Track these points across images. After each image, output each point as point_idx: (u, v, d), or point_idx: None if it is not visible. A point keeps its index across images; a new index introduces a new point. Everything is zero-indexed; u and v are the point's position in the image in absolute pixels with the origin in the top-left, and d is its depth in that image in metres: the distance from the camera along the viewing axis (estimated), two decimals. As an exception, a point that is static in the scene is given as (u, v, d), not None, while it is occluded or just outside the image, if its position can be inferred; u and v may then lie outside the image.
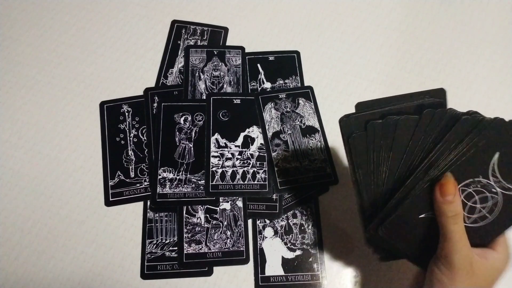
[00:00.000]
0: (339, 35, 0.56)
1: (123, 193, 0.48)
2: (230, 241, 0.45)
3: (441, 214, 0.31)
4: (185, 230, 0.45)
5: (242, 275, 0.45)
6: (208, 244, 0.45)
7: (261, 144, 0.48)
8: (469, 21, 0.57)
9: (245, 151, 0.48)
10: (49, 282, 0.45)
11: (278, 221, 0.46)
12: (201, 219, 0.46)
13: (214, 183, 0.46)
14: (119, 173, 0.48)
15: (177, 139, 0.48)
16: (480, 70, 0.55)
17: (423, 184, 0.31)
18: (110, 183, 0.48)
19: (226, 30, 0.56)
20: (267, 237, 0.46)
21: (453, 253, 0.31)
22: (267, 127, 0.49)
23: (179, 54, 0.55)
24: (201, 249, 0.44)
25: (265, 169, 0.47)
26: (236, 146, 0.48)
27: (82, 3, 0.58)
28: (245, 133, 0.49)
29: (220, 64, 0.53)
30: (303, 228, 0.46)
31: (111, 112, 0.51)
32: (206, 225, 0.45)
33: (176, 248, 0.45)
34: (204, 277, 0.45)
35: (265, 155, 0.48)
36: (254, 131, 0.49)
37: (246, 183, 0.46)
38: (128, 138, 0.50)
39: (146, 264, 0.45)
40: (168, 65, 0.54)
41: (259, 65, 0.54)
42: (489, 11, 0.58)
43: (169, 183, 0.46)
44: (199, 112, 0.50)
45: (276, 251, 0.45)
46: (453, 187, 0.31)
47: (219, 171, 0.47)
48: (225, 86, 0.52)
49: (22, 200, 0.48)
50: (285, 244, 0.46)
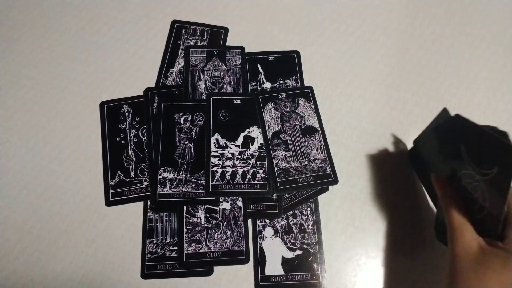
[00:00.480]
0: (339, 35, 0.57)
1: (124, 193, 0.48)
2: (230, 241, 0.45)
3: (442, 205, 0.37)
4: (185, 230, 0.45)
5: (242, 275, 0.45)
6: (208, 244, 0.45)
7: (261, 144, 0.48)
8: (469, 21, 0.57)
9: (245, 151, 0.48)
10: (49, 282, 0.45)
11: (278, 221, 0.46)
12: (201, 219, 0.46)
13: (214, 183, 0.46)
14: (119, 173, 0.48)
15: (177, 139, 0.48)
16: (480, 70, 0.55)
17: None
18: (110, 183, 0.48)
19: (226, 30, 0.56)
20: (267, 237, 0.46)
21: (454, 241, 0.35)
22: (267, 127, 0.49)
23: (179, 54, 0.55)
24: (201, 249, 0.44)
25: (265, 169, 0.47)
26: (236, 146, 0.48)
27: (82, 3, 0.58)
28: (245, 133, 0.49)
29: (220, 64, 0.53)
30: (303, 228, 0.46)
31: (111, 112, 0.51)
32: (206, 225, 0.45)
33: (176, 247, 0.45)
34: (204, 277, 0.45)
35: (265, 155, 0.48)
36: (254, 131, 0.49)
37: (246, 183, 0.46)
38: (128, 138, 0.50)
39: (146, 263, 0.45)
40: (168, 65, 0.54)
41: (259, 65, 0.54)
42: (489, 11, 0.58)
43: (169, 183, 0.46)
44: (199, 112, 0.50)
45: (276, 251, 0.45)
46: (438, 185, 0.38)
47: (219, 171, 0.47)
48: (225, 86, 0.52)
49: (22, 200, 0.48)
50: (285, 243, 0.46)
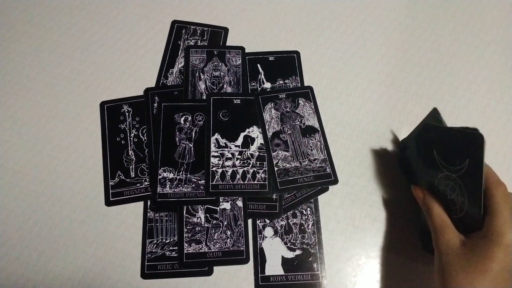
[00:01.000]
0: (339, 35, 0.57)
1: (124, 193, 0.48)
2: (230, 240, 0.45)
3: (424, 210, 0.40)
4: (185, 229, 0.45)
5: (242, 275, 0.45)
6: (208, 243, 0.45)
7: (261, 144, 0.48)
8: (469, 21, 0.57)
9: (245, 151, 0.48)
10: (49, 282, 0.45)
11: (278, 221, 0.46)
12: (201, 219, 0.46)
13: (214, 183, 0.46)
14: (120, 173, 0.48)
15: (177, 139, 0.48)
16: (480, 70, 0.55)
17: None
18: (110, 183, 0.48)
19: (226, 30, 0.56)
20: (267, 237, 0.46)
21: (437, 240, 0.37)
22: (267, 127, 0.49)
23: (179, 54, 0.55)
24: (201, 249, 0.44)
25: (265, 169, 0.47)
26: (236, 146, 0.48)
27: (82, 3, 0.58)
28: (245, 133, 0.49)
29: (220, 64, 0.53)
30: (303, 227, 0.46)
31: (111, 112, 0.51)
32: (206, 225, 0.45)
33: (176, 247, 0.45)
34: (204, 277, 0.45)
35: (265, 155, 0.48)
36: (254, 131, 0.49)
37: (246, 183, 0.46)
38: (128, 138, 0.50)
39: (146, 263, 0.45)
40: (168, 65, 0.54)
41: (259, 65, 0.54)
42: (489, 11, 0.58)
43: (169, 183, 0.46)
44: (199, 112, 0.50)
45: (276, 251, 0.45)
46: (418, 192, 0.41)
47: (219, 171, 0.47)
48: (225, 86, 0.52)
49: (22, 200, 0.48)
50: (285, 243, 0.46)
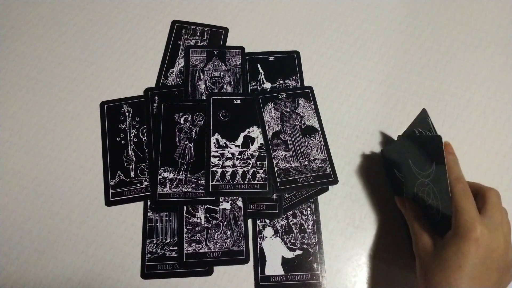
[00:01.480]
0: (339, 35, 0.57)
1: (124, 193, 0.48)
2: (230, 240, 0.45)
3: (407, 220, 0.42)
4: (185, 229, 0.45)
5: (242, 275, 0.45)
6: (208, 243, 0.45)
7: (261, 144, 0.48)
8: (469, 21, 0.57)
9: (245, 151, 0.48)
10: (49, 282, 0.45)
11: (278, 221, 0.46)
12: (201, 219, 0.46)
13: (214, 183, 0.46)
14: (120, 173, 0.48)
15: (177, 139, 0.48)
16: (480, 70, 0.55)
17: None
18: (110, 183, 0.48)
19: (226, 30, 0.56)
20: (267, 237, 0.46)
21: (414, 245, 0.39)
22: (267, 127, 0.49)
23: (179, 54, 0.55)
24: (201, 249, 0.44)
25: (265, 169, 0.47)
26: (236, 146, 0.48)
27: (82, 3, 0.58)
28: (245, 133, 0.49)
29: (220, 64, 0.53)
30: (303, 228, 0.46)
31: (111, 112, 0.51)
32: (206, 225, 0.45)
33: (176, 247, 0.45)
34: (204, 277, 0.45)
35: (265, 155, 0.48)
36: (254, 131, 0.49)
37: (246, 183, 0.46)
38: (128, 138, 0.50)
39: (146, 263, 0.45)
40: (168, 65, 0.54)
41: (259, 65, 0.54)
42: (489, 11, 0.58)
43: (169, 183, 0.46)
44: (199, 112, 0.50)
45: (276, 251, 0.45)
46: (400, 203, 0.43)
47: (219, 171, 0.47)
48: (225, 86, 0.52)
49: (22, 200, 0.48)
50: (285, 243, 0.46)
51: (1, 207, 0.47)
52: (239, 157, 0.47)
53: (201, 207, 0.46)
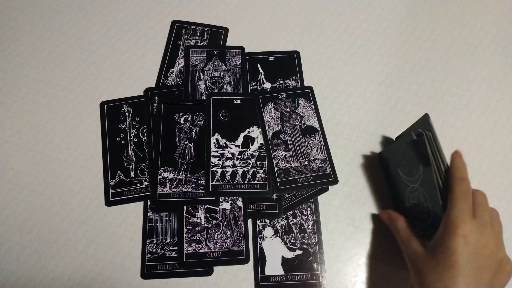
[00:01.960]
0: (339, 35, 0.57)
1: (124, 193, 0.48)
2: (230, 240, 0.45)
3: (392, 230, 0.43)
4: (185, 229, 0.45)
5: (242, 275, 0.45)
6: (208, 243, 0.45)
7: (261, 144, 0.48)
8: (469, 21, 0.57)
9: (245, 151, 0.48)
10: (49, 282, 0.45)
11: (278, 221, 0.46)
12: (201, 219, 0.46)
13: (214, 183, 0.46)
14: (120, 173, 0.48)
15: (177, 139, 0.48)
16: (480, 70, 0.55)
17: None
18: (110, 183, 0.48)
19: (226, 30, 0.56)
20: (267, 237, 0.46)
21: (404, 252, 0.39)
22: (267, 127, 0.49)
23: (179, 54, 0.55)
24: (201, 249, 0.44)
25: (265, 169, 0.47)
26: (236, 146, 0.48)
27: (82, 3, 0.58)
28: (245, 133, 0.49)
29: (220, 64, 0.53)
30: (303, 227, 0.46)
31: (111, 112, 0.51)
32: (206, 225, 0.45)
33: (176, 247, 0.45)
34: (204, 277, 0.45)
35: (265, 155, 0.48)
36: (254, 131, 0.49)
37: (246, 183, 0.46)
38: (128, 138, 0.50)
39: (146, 263, 0.45)
40: (168, 65, 0.54)
41: (259, 65, 0.54)
42: (489, 11, 0.58)
43: (169, 183, 0.46)
44: (199, 112, 0.50)
45: (276, 251, 0.45)
46: (382, 215, 0.45)
47: (219, 171, 0.47)
48: (225, 86, 0.52)
49: (22, 200, 0.48)
50: (285, 243, 0.46)
51: (1, 207, 0.47)
52: (239, 157, 0.47)
53: (201, 207, 0.46)
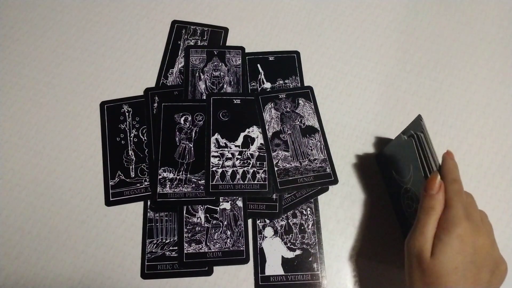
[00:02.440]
0: (339, 35, 0.57)
1: (124, 193, 0.48)
2: (230, 240, 0.45)
3: (419, 205, 0.36)
4: (185, 229, 0.45)
5: (242, 275, 0.45)
6: (208, 243, 0.45)
7: (261, 144, 0.48)
8: (469, 21, 0.57)
9: (245, 151, 0.48)
10: (49, 282, 0.45)
11: (278, 221, 0.46)
12: (201, 219, 0.46)
13: (214, 183, 0.46)
14: (120, 173, 0.48)
15: (177, 139, 0.48)
16: (479, 70, 0.55)
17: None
18: (110, 183, 0.48)
19: (226, 30, 0.56)
20: (267, 237, 0.46)
21: (412, 238, 0.35)
22: (267, 127, 0.49)
23: (179, 54, 0.55)
24: (201, 249, 0.44)
25: (265, 169, 0.47)
26: (236, 146, 0.48)
27: (82, 3, 0.58)
28: (245, 133, 0.49)
29: (220, 64, 0.53)
30: (303, 228, 0.46)
31: (111, 112, 0.51)
32: (206, 225, 0.45)
33: (176, 247, 0.45)
34: (204, 277, 0.45)
35: (265, 155, 0.48)
36: (254, 131, 0.49)
37: (246, 183, 0.46)
38: (128, 138, 0.50)
39: (146, 263, 0.45)
40: (168, 65, 0.54)
41: (259, 65, 0.54)
42: (489, 11, 0.58)
43: (169, 183, 0.46)
44: (199, 112, 0.50)
45: (276, 251, 0.45)
46: (435, 184, 0.35)
47: (219, 171, 0.47)
48: (225, 86, 0.52)
49: (22, 200, 0.48)
50: (285, 243, 0.46)
51: (1, 207, 0.47)
52: (239, 157, 0.47)
53: (201, 207, 0.46)
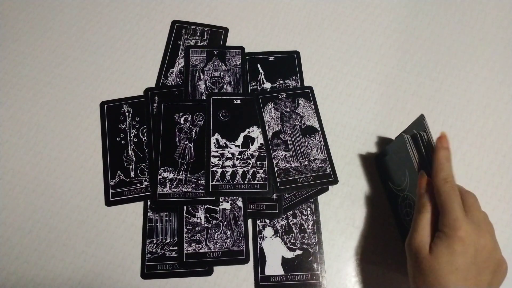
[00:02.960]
0: (339, 35, 0.57)
1: (124, 193, 0.48)
2: (230, 240, 0.45)
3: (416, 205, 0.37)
4: (185, 229, 0.45)
5: (242, 275, 0.45)
6: (208, 243, 0.45)
7: (261, 144, 0.48)
8: (469, 21, 0.57)
9: (245, 151, 0.48)
10: (49, 282, 0.45)
11: (278, 221, 0.46)
12: (201, 219, 0.46)
13: (214, 183, 0.46)
14: (120, 173, 0.48)
15: (177, 139, 0.48)
16: (479, 70, 0.55)
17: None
18: (110, 183, 0.48)
19: (226, 30, 0.56)
20: (267, 237, 0.46)
21: (411, 239, 0.36)
22: (267, 127, 0.49)
23: (179, 54, 0.55)
24: (201, 249, 0.44)
25: (265, 169, 0.47)
26: (236, 146, 0.48)
27: (82, 3, 0.58)
28: (245, 133, 0.49)
29: (220, 64, 0.53)
30: (303, 228, 0.46)
31: (111, 112, 0.51)
32: (206, 225, 0.45)
33: (176, 247, 0.45)
34: (204, 277, 0.45)
35: (265, 155, 0.48)
36: (254, 131, 0.49)
37: (246, 183, 0.46)
38: (128, 138, 0.50)
39: (146, 263, 0.45)
40: (168, 65, 0.54)
41: (259, 65, 0.54)
42: (489, 11, 0.58)
43: (169, 183, 0.46)
44: (199, 112, 0.50)
45: (276, 251, 0.45)
46: (424, 183, 0.37)
47: (219, 171, 0.47)
48: (225, 86, 0.52)
49: (22, 200, 0.48)
50: (285, 243, 0.46)
51: (1, 207, 0.47)
52: (239, 157, 0.47)
53: (201, 207, 0.46)
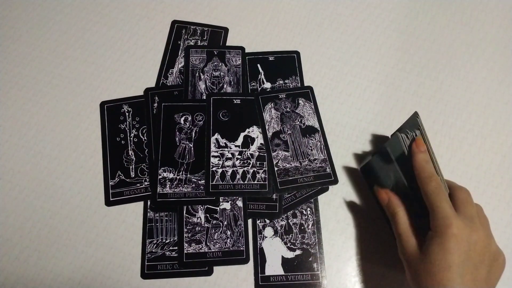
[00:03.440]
0: (339, 35, 0.57)
1: (124, 193, 0.48)
2: (230, 240, 0.45)
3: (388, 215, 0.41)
4: (185, 229, 0.45)
5: (242, 275, 0.45)
6: (208, 243, 0.45)
7: (261, 144, 0.48)
8: (469, 21, 0.57)
9: (245, 151, 0.48)
10: (49, 282, 0.45)
11: (278, 221, 0.46)
12: (201, 219, 0.46)
13: (214, 183, 0.46)
14: (120, 173, 0.48)
15: (177, 139, 0.48)
16: (479, 70, 0.55)
17: None
18: (110, 183, 0.48)
19: (226, 30, 0.56)
20: (267, 237, 0.46)
21: (401, 248, 0.37)
22: (267, 127, 0.49)
23: (179, 54, 0.55)
24: (201, 249, 0.44)
25: (265, 169, 0.47)
26: (236, 146, 0.48)
27: (82, 3, 0.58)
28: (245, 133, 0.49)
29: (220, 64, 0.53)
30: (303, 227, 0.46)
31: (111, 112, 0.51)
32: (206, 225, 0.45)
33: (176, 247, 0.45)
34: (204, 277, 0.45)
35: (265, 155, 0.48)
36: (254, 131, 0.49)
37: (246, 183, 0.46)
38: (128, 138, 0.50)
39: (146, 263, 0.45)
40: (168, 65, 0.54)
41: (259, 65, 0.54)
42: (489, 11, 0.58)
43: (169, 183, 0.46)
44: (199, 112, 0.50)
45: (276, 251, 0.45)
46: (382, 195, 0.41)
47: (219, 171, 0.47)
48: (225, 86, 0.52)
49: (22, 200, 0.48)
50: (285, 243, 0.46)
51: (1, 207, 0.47)
52: (239, 157, 0.47)
53: (201, 207, 0.46)
